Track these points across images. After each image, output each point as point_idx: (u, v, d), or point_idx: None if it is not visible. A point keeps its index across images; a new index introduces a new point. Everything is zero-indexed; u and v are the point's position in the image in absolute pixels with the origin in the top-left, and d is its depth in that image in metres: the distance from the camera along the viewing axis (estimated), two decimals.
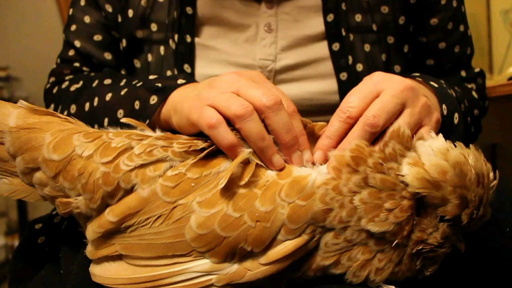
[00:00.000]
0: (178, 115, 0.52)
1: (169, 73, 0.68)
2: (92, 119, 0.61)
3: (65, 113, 0.67)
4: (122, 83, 0.64)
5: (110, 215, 0.44)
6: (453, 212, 0.41)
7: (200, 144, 0.46)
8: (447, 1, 0.72)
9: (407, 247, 0.42)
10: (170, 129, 0.57)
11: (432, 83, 0.59)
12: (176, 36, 0.68)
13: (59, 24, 2.64)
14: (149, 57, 0.70)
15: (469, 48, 0.77)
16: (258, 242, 0.41)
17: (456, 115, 0.57)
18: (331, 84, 0.67)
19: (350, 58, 0.67)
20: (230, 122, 0.45)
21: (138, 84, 0.60)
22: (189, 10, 0.68)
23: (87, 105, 0.64)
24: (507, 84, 1.18)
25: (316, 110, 0.67)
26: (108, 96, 0.62)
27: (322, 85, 0.67)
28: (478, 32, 1.59)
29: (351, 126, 0.45)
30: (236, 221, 0.41)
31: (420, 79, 0.59)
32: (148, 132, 0.50)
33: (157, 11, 0.69)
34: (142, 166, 0.44)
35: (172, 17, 0.68)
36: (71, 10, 0.76)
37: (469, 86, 0.77)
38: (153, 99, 0.57)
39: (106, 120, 0.61)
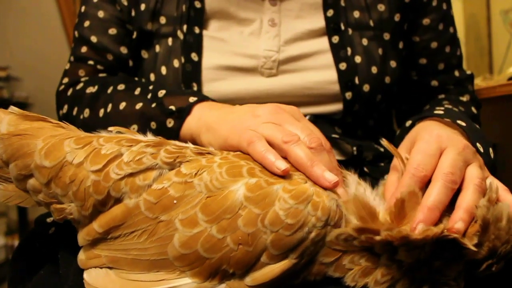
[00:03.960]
0: (213, 135, 0.54)
1: (176, 62, 0.70)
2: (106, 125, 0.62)
3: (81, 116, 0.69)
4: (136, 92, 0.66)
5: (97, 225, 0.44)
6: (476, 256, 0.41)
7: (188, 154, 0.45)
8: (437, 3, 0.76)
9: (415, 272, 0.42)
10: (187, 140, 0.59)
11: (459, 122, 0.61)
12: (185, 27, 0.70)
13: (59, 24, 2.65)
14: (157, 48, 0.72)
15: (459, 50, 0.81)
16: (240, 265, 0.40)
17: (490, 149, 0.59)
18: (331, 75, 0.70)
19: (349, 50, 0.70)
20: None
21: (153, 105, 0.62)
22: (197, 4, 0.71)
23: (101, 111, 0.67)
24: (507, 84, 1.18)
25: (316, 100, 0.71)
26: (122, 105, 0.65)
27: (323, 75, 0.70)
28: (478, 32, 1.58)
29: (425, 184, 0.46)
30: (219, 242, 0.40)
31: (448, 120, 0.61)
32: (139, 136, 0.49)
33: (166, 5, 0.72)
34: (131, 174, 0.43)
35: (181, 10, 0.71)
36: (83, 8, 0.77)
37: (464, 99, 0.79)
38: (170, 122, 0.60)
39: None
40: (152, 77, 0.72)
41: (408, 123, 0.70)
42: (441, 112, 0.65)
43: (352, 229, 0.41)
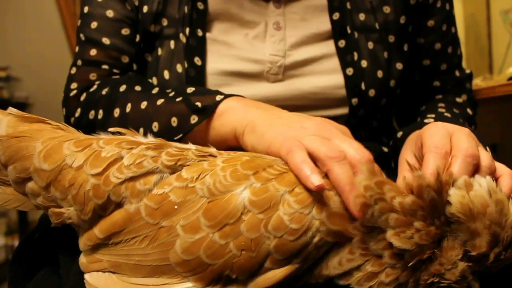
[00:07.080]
0: (257, 138, 0.52)
1: (179, 66, 0.69)
2: (122, 126, 0.60)
3: (96, 119, 0.66)
4: (154, 91, 0.64)
5: (97, 230, 0.43)
6: (481, 247, 0.41)
7: (190, 156, 0.45)
8: (441, 4, 0.75)
9: (420, 273, 0.42)
10: (217, 140, 0.58)
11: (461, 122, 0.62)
12: (187, 30, 0.69)
13: (59, 24, 2.65)
14: (159, 51, 0.70)
15: (459, 49, 0.81)
16: (244, 271, 0.40)
17: (487, 148, 0.59)
18: (337, 79, 0.69)
19: (355, 54, 0.69)
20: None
21: (178, 99, 0.60)
22: (200, 5, 0.69)
23: (117, 111, 0.64)
24: (507, 84, 1.17)
25: (322, 104, 0.70)
26: (144, 105, 0.62)
27: (329, 80, 0.69)
28: (478, 32, 1.58)
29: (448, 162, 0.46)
30: (222, 248, 0.40)
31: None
32: (140, 138, 0.49)
33: (168, 6, 0.70)
34: (131, 179, 0.43)
35: (183, 12, 0.69)
36: (86, 8, 0.72)
37: (461, 100, 0.79)
38: (194, 119, 0.58)
39: (141, 130, 0.61)
40: (154, 81, 0.70)
41: (399, 134, 0.69)
42: (431, 120, 0.65)
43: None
